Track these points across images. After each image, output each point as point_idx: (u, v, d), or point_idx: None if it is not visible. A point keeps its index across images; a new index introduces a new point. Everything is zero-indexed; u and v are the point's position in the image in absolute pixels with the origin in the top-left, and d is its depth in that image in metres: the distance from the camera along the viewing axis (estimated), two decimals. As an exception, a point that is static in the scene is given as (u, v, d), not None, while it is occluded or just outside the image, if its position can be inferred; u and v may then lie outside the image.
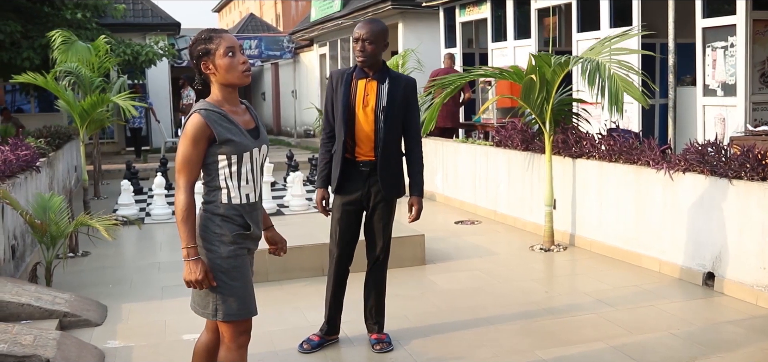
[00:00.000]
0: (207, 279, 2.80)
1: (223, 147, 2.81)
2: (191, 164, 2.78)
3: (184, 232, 2.76)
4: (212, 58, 2.82)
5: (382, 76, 4.04)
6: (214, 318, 2.88)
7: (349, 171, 4.09)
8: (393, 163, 4.08)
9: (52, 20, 12.69)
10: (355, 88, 4.05)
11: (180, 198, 2.77)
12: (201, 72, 2.87)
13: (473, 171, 8.72)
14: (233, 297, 2.87)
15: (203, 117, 2.78)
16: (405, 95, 4.05)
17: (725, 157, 5.22)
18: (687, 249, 5.51)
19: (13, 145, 6.83)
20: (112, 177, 12.71)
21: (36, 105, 17.70)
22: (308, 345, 4.25)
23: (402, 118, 4.06)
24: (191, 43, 2.89)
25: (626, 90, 5.76)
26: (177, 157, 2.80)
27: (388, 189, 4.08)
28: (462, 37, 12.48)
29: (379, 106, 4.00)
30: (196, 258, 2.77)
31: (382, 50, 4.03)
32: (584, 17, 9.67)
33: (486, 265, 6.21)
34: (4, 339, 3.90)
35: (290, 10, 35.01)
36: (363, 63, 4.00)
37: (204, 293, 2.86)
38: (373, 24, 4.03)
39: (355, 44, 4.01)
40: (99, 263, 6.56)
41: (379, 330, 4.31)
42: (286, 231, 6.33)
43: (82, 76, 9.11)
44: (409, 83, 4.12)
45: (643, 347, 4.20)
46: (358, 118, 4.02)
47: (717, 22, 7.63)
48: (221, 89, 2.87)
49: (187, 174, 2.78)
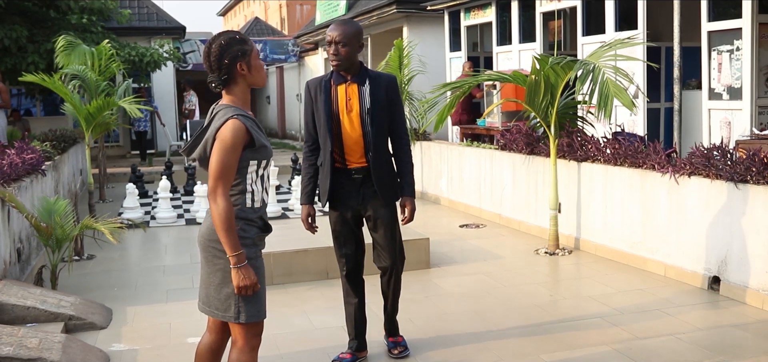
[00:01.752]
0: (257, 282, 2.85)
1: (258, 152, 2.85)
2: (231, 170, 2.78)
3: (231, 239, 2.76)
4: (247, 59, 2.85)
5: (361, 78, 3.87)
6: (237, 320, 2.87)
7: (340, 181, 3.92)
8: (385, 166, 3.94)
9: (58, 25, 12.73)
10: (336, 94, 3.87)
11: (222, 205, 2.75)
12: (229, 72, 2.84)
13: (478, 174, 8.71)
14: (255, 299, 2.89)
15: (243, 122, 2.79)
16: (387, 94, 3.90)
17: (731, 160, 5.20)
18: (693, 253, 5.49)
19: (19, 148, 6.85)
20: (117, 180, 12.74)
21: (41, 108, 17.76)
22: None
23: (387, 118, 3.92)
24: (225, 43, 2.83)
25: (616, 95, 5.75)
26: (214, 164, 2.76)
27: (386, 194, 3.93)
28: (467, 41, 12.48)
29: (363, 108, 3.84)
30: (246, 263, 2.80)
31: (357, 51, 3.85)
32: (589, 20, 9.65)
33: (491, 269, 6.20)
34: (9, 341, 3.91)
35: (295, 14, 35.09)
36: (338, 66, 3.82)
37: (225, 296, 2.87)
38: (346, 25, 3.84)
39: (329, 47, 3.83)
40: (104, 266, 6.57)
41: (395, 334, 4.26)
42: (290, 234, 6.36)
43: (87, 80, 9.13)
44: (390, 81, 3.95)
45: (648, 351, 4.18)
46: (344, 125, 3.86)
47: (723, 26, 7.61)
48: (245, 91, 2.90)
49: (226, 181, 2.78)
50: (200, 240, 2.94)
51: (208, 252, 2.90)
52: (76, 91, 8.98)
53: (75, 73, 9.01)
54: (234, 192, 2.86)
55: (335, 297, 5.39)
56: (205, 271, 2.94)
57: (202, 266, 2.96)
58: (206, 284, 2.94)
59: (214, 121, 2.85)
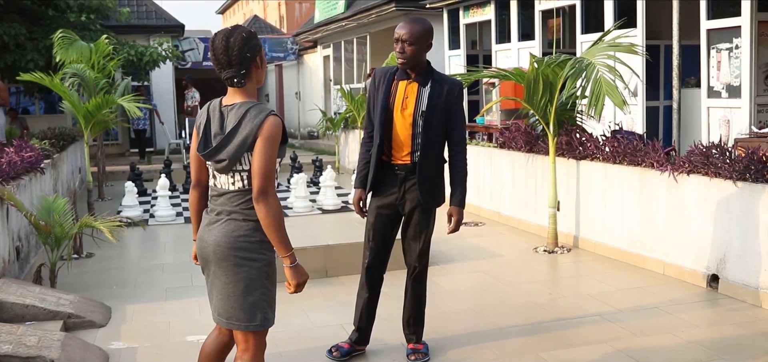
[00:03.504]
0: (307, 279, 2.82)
1: (283, 149, 2.78)
2: (275, 168, 2.72)
3: (285, 238, 2.72)
4: (261, 53, 2.80)
5: (424, 79, 3.84)
6: (262, 327, 2.79)
7: (383, 174, 3.93)
8: (431, 170, 3.90)
9: (57, 23, 12.72)
10: (395, 90, 3.87)
11: (275, 204, 2.68)
12: (249, 67, 2.74)
13: (477, 172, 8.71)
14: (274, 304, 2.86)
15: (280, 119, 2.73)
16: (447, 99, 3.84)
17: (730, 158, 5.20)
18: (691, 252, 5.50)
19: (18, 146, 6.84)
20: (116, 178, 12.73)
21: (40, 106, 17.75)
22: (338, 352, 4.13)
23: (444, 123, 3.86)
24: (246, 36, 2.72)
25: (609, 94, 5.75)
26: (264, 163, 2.65)
27: (426, 198, 3.91)
28: (466, 39, 12.48)
29: (418, 110, 3.81)
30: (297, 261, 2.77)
31: (424, 51, 3.83)
32: (588, 19, 9.65)
33: (490, 267, 6.20)
34: (8, 340, 3.91)
35: (294, 12, 35.07)
36: (404, 65, 3.82)
37: (249, 305, 2.76)
38: (415, 24, 3.81)
39: (396, 45, 3.82)
40: (103, 264, 6.57)
41: (416, 341, 4.16)
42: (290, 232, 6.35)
43: (86, 78, 9.13)
44: (453, 86, 3.87)
45: (647, 349, 4.19)
46: (396, 122, 3.85)
47: (722, 24, 7.61)
48: (254, 88, 2.83)
49: (273, 179, 2.70)
50: (215, 250, 2.75)
51: (229, 261, 2.74)
52: (74, 89, 8.98)
53: (74, 72, 9.01)
54: None
55: (334, 295, 5.40)
56: (222, 281, 2.77)
57: (217, 276, 2.79)
58: (225, 295, 2.77)
59: (246, 120, 2.68)
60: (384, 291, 5.21)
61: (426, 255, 4.09)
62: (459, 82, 3.97)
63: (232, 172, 2.74)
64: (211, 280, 2.83)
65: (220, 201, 2.80)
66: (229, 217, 2.76)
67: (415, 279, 4.12)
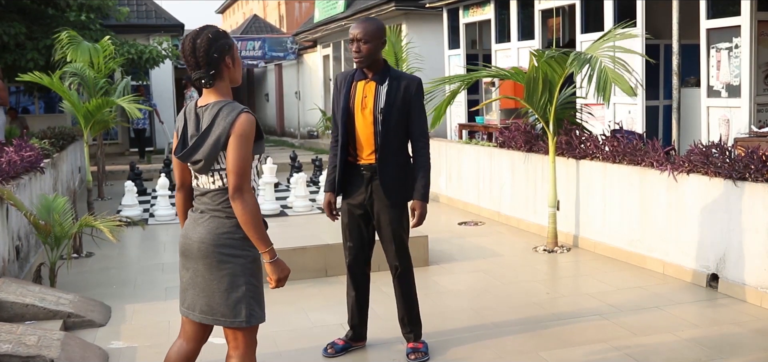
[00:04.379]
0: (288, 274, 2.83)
1: (259, 145, 2.79)
2: (250, 164, 2.72)
3: (263, 234, 2.72)
4: (232, 53, 2.78)
5: (381, 77, 3.90)
6: (248, 324, 2.80)
7: (351, 174, 3.99)
8: (395, 167, 3.93)
9: (57, 22, 12.72)
10: (355, 91, 3.94)
11: (251, 201, 2.69)
12: (217, 67, 2.73)
13: (477, 172, 8.71)
14: (262, 301, 2.85)
15: (253, 115, 2.74)
16: (406, 95, 3.89)
17: (730, 158, 5.20)
18: (691, 251, 5.50)
19: (18, 146, 6.84)
20: (115, 178, 12.73)
21: (40, 106, 17.75)
22: (332, 349, 4.18)
23: (404, 119, 3.91)
24: (213, 36, 2.72)
25: (615, 80, 5.74)
26: (238, 161, 2.66)
27: (391, 195, 3.94)
28: (465, 38, 12.47)
29: (377, 107, 3.87)
30: (278, 256, 2.77)
31: (380, 49, 3.88)
32: (588, 18, 9.64)
33: (489, 266, 6.20)
34: (8, 339, 3.91)
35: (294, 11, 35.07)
36: (360, 64, 3.87)
37: (233, 301, 2.76)
38: (368, 23, 3.87)
39: (351, 45, 3.88)
40: (103, 264, 6.57)
41: (415, 339, 4.16)
42: (289, 232, 6.37)
43: (86, 78, 9.13)
44: (410, 82, 3.93)
45: (646, 349, 4.19)
46: (357, 121, 3.91)
47: (721, 23, 7.61)
48: (228, 87, 2.82)
49: (249, 176, 2.70)
50: (199, 247, 2.77)
51: (212, 258, 2.76)
52: (74, 88, 8.98)
53: (74, 71, 9.02)
54: None
55: (334, 294, 5.39)
56: (205, 279, 2.79)
57: (200, 274, 2.80)
58: (208, 292, 2.79)
59: (219, 119, 2.70)
60: (383, 290, 5.22)
61: (405, 253, 4.09)
62: (417, 78, 4.01)
63: (210, 171, 2.77)
64: (192, 277, 2.83)
65: (203, 200, 2.83)
66: (212, 215, 2.79)
67: (400, 279, 4.12)
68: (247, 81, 27.91)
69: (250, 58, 21.64)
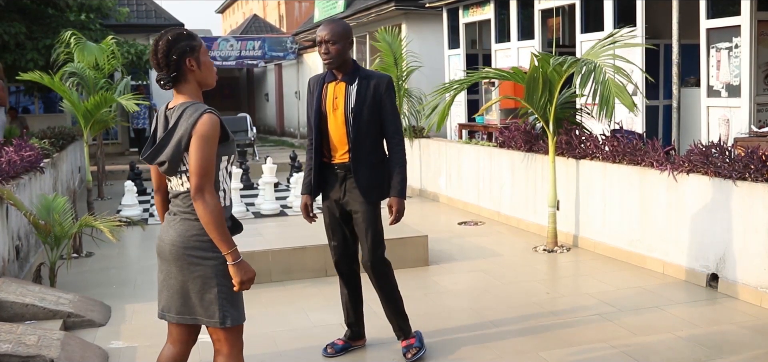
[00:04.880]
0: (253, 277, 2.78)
1: (228, 146, 2.79)
2: (213, 165, 2.70)
3: (225, 235, 2.69)
4: (197, 55, 2.76)
5: (351, 77, 3.92)
6: (223, 325, 2.79)
7: (327, 174, 4.03)
8: (369, 165, 3.94)
9: (56, 22, 12.73)
10: (326, 93, 3.97)
11: (212, 202, 2.67)
12: (178, 68, 2.74)
13: (477, 172, 8.72)
14: (237, 302, 2.83)
15: (217, 116, 2.72)
16: (376, 94, 3.91)
17: (729, 158, 5.21)
18: (691, 251, 5.50)
19: (18, 145, 6.84)
20: (115, 178, 12.73)
21: (40, 106, 17.75)
22: (332, 349, 4.19)
23: (375, 118, 3.93)
24: (172, 39, 2.74)
25: (618, 96, 5.75)
26: (198, 161, 2.66)
27: (365, 193, 3.95)
28: (465, 38, 12.47)
29: (347, 107, 3.90)
30: (241, 258, 2.74)
31: (348, 49, 3.90)
32: (588, 18, 9.65)
33: (489, 266, 6.20)
34: (8, 339, 3.91)
35: (294, 11, 35.07)
36: (329, 65, 3.89)
37: (207, 302, 2.78)
38: (335, 24, 3.90)
39: (319, 47, 3.89)
40: (103, 264, 6.57)
41: (405, 336, 4.17)
42: (289, 232, 6.37)
43: (86, 77, 9.14)
44: (380, 81, 3.95)
45: (646, 348, 4.19)
46: (330, 123, 3.94)
47: (721, 23, 7.61)
48: (196, 89, 2.80)
49: (211, 177, 2.69)
50: (171, 249, 2.79)
51: (182, 261, 2.77)
52: (74, 88, 8.99)
53: (73, 71, 9.02)
54: None
55: (334, 294, 5.38)
56: (178, 281, 2.81)
57: (172, 276, 2.82)
58: (183, 293, 2.81)
59: (182, 120, 2.71)
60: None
61: (379, 250, 4.05)
62: (387, 76, 4.02)
63: (178, 173, 2.77)
64: (165, 279, 2.85)
65: (176, 202, 2.84)
66: (183, 217, 2.80)
67: (378, 278, 4.09)
68: (247, 81, 27.92)
69: (250, 57, 21.64)
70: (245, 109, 25.10)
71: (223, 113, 14.18)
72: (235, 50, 21.37)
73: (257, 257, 5.77)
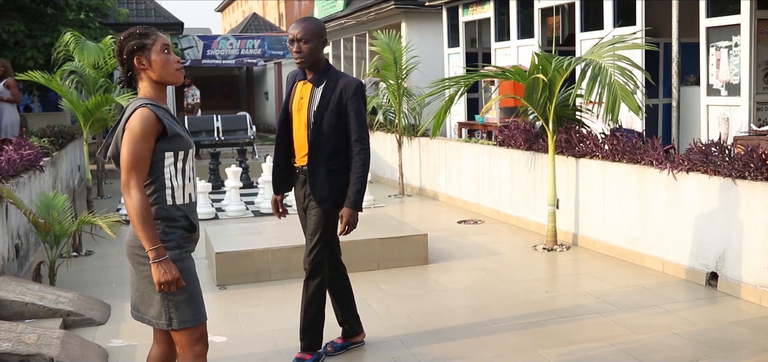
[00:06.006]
0: (181, 278, 2.69)
1: (172, 142, 2.71)
2: (143, 161, 2.64)
3: (148, 232, 2.62)
4: (147, 53, 2.72)
5: (319, 79, 3.84)
6: (170, 327, 2.75)
7: (293, 175, 3.99)
8: (324, 171, 3.83)
9: (56, 20, 12.72)
10: (294, 92, 3.91)
11: (136, 197, 2.61)
12: (130, 68, 2.74)
13: (476, 170, 8.72)
14: (186, 303, 2.75)
15: (152, 110, 2.66)
16: (341, 99, 3.80)
17: (729, 156, 5.21)
18: (690, 250, 5.50)
19: (17, 144, 6.84)
20: (115, 176, 12.70)
21: (39, 105, 17.74)
22: (331, 348, 4.17)
23: (339, 123, 3.81)
24: (122, 37, 2.74)
25: (624, 99, 5.74)
26: (124, 156, 2.64)
27: (319, 199, 3.86)
28: (465, 37, 12.47)
29: (310, 110, 3.82)
30: (166, 257, 2.65)
31: (320, 49, 3.82)
32: (588, 17, 9.64)
33: (489, 265, 6.20)
34: (8, 337, 3.91)
35: (293, 10, 35.05)
36: (302, 64, 3.82)
37: (156, 303, 2.74)
38: (308, 22, 3.83)
39: (292, 46, 3.82)
40: (102, 262, 6.57)
41: (305, 349, 4.00)
42: (288, 230, 6.36)
43: (86, 76, 9.14)
44: (347, 85, 3.83)
45: (646, 347, 4.19)
46: (294, 123, 3.88)
47: (721, 22, 7.61)
48: (153, 86, 2.76)
49: (138, 172, 2.64)
50: (126, 249, 2.81)
51: (133, 260, 2.78)
52: (73, 87, 8.98)
53: (73, 70, 9.02)
54: (151, 188, 2.71)
55: (333, 293, 5.39)
56: (133, 279, 2.81)
57: (131, 275, 2.83)
58: (138, 292, 2.80)
59: (123, 116, 2.70)
60: (382, 288, 5.22)
61: (320, 258, 3.95)
62: (356, 80, 3.92)
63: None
64: (129, 277, 2.88)
65: None
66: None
67: (307, 285, 4.00)
68: (247, 79, 27.91)
69: (250, 56, 21.65)
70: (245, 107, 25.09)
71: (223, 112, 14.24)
72: (235, 49, 21.37)
73: (257, 255, 5.78)
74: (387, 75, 10.22)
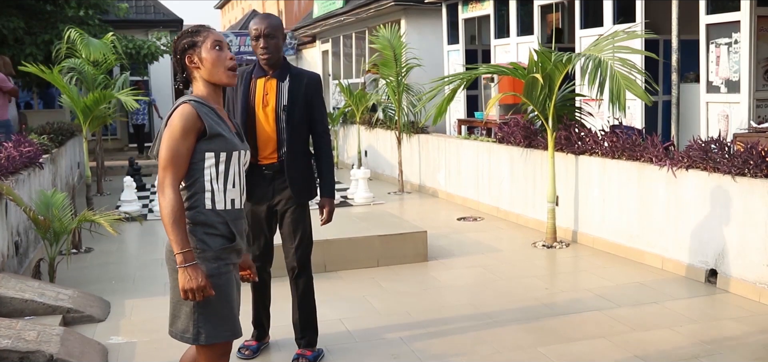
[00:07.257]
0: (208, 286, 2.50)
1: (213, 142, 2.57)
2: (180, 159, 2.52)
3: (177, 235, 2.47)
4: (198, 50, 2.63)
5: (282, 74, 3.83)
6: (196, 341, 2.59)
7: (252, 176, 3.74)
8: (300, 165, 3.87)
9: (55, 17, 12.70)
10: (254, 88, 3.82)
11: (169, 196, 2.47)
12: (184, 68, 2.66)
13: (476, 167, 8.72)
14: (217, 318, 2.59)
15: (194, 107, 2.55)
16: (307, 93, 3.86)
17: (729, 153, 5.21)
18: (690, 246, 5.50)
19: (17, 141, 6.83)
20: (114, 173, 12.72)
21: (39, 101, 17.73)
22: (248, 351, 4.13)
23: (307, 116, 3.86)
24: (177, 37, 2.69)
25: (629, 87, 5.73)
26: (161, 153, 2.52)
27: (297, 193, 3.86)
28: (465, 34, 12.46)
29: (279, 105, 3.78)
30: (194, 263, 2.48)
31: (282, 44, 3.84)
32: (587, 13, 9.64)
33: (488, 262, 6.21)
34: (8, 334, 3.91)
35: (293, 7, 35.00)
36: (269, 59, 3.78)
37: (183, 316, 2.59)
38: (272, 18, 3.83)
39: (256, 42, 3.78)
40: (102, 259, 6.57)
41: (306, 346, 4.05)
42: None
43: (85, 73, 9.13)
44: (311, 79, 3.90)
45: (645, 344, 4.20)
46: (259, 120, 3.80)
47: (721, 19, 7.60)
48: (206, 86, 2.65)
49: (174, 170, 2.51)
50: (165, 253, 2.66)
51: (169, 265, 2.63)
52: (73, 83, 8.98)
53: (72, 66, 9.01)
54: (189, 190, 2.58)
55: (333, 290, 5.40)
56: (170, 288, 2.66)
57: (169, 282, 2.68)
58: (170, 302, 2.66)
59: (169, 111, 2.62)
60: (382, 285, 5.22)
61: (307, 254, 3.98)
62: (316, 74, 4.00)
63: None
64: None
65: None
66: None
67: (298, 281, 4.00)
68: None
69: (249, 53, 21.59)
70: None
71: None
72: (234, 46, 21.33)
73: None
74: (387, 72, 10.22)
